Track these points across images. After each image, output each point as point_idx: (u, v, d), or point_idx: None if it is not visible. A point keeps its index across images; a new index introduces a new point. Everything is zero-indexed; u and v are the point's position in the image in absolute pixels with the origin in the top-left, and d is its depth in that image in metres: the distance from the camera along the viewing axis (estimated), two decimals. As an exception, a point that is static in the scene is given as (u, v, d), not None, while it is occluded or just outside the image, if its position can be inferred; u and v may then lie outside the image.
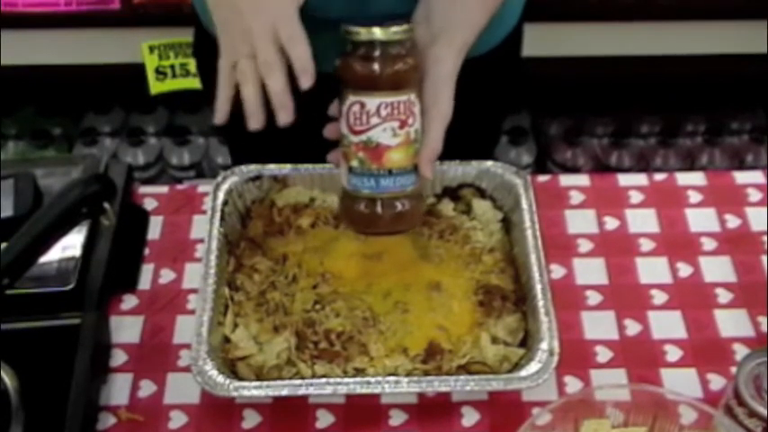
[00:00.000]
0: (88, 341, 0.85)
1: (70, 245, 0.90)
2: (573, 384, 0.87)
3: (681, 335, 0.91)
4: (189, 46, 1.64)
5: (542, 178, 1.08)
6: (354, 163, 0.82)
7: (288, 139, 0.93)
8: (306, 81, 0.78)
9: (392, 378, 0.81)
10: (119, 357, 0.89)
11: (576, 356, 0.89)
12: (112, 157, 1.90)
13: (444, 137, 0.88)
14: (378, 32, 0.77)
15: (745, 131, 1.99)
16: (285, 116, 0.79)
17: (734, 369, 0.81)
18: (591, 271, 0.97)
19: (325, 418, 0.84)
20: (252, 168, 0.97)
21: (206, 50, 1.11)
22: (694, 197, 1.05)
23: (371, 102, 0.79)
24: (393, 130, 0.80)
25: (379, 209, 0.83)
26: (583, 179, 1.08)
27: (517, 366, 0.82)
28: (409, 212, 0.84)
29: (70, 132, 1.98)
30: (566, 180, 1.08)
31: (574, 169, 1.95)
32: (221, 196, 0.94)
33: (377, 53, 0.78)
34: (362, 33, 0.78)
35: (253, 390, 0.79)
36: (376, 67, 0.78)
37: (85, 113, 2.01)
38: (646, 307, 0.94)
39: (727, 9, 1.66)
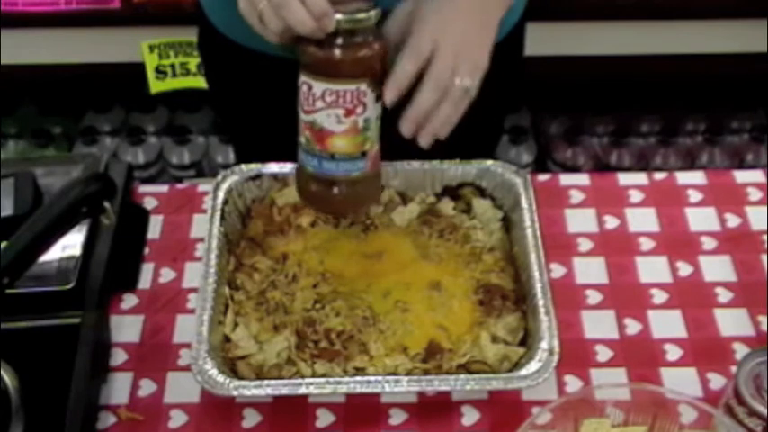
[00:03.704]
0: (88, 340, 0.85)
1: (70, 244, 0.90)
2: (573, 383, 0.87)
3: (681, 334, 0.91)
4: (189, 45, 1.64)
5: (542, 177, 1.08)
6: (302, 139, 0.83)
7: (292, 137, 0.93)
8: (329, 24, 0.75)
9: (392, 377, 0.81)
10: (119, 357, 0.89)
11: (575, 356, 0.89)
12: (112, 157, 1.89)
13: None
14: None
15: (745, 131, 1.99)
16: (329, 22, 0.75)
17: (734, 368, 0.81)
18: (591, 270, 0.97)
19: (325, 417, 0.84)
20: (252, 167, 0.97)
21: (211, 46, 1.12)
22: (694, 196, 1.05)
23: (317, 86, 0.79)
24: (337, 117, 0.79)
25: (323, 188, 0.84)
26: (583, 178, 1.08)
27: (517, 365, 0.82)
28: (352, 197, 0.85)
29: (70, 131, 1.98)
30: (566, 179, 1.08)
31: (574, 168, 1.95)
32: (221, 195, 0.94)
33: (327, 39, 0.76)
34: None
35: (253, 389, 0.79)
36: (322, 53, 0.77)
37: (86, 112, 2.01)
38: (646, 306, 0.94)
39: (727, 9, 1.66)
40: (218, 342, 0.84)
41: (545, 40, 1.56)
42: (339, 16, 0.76)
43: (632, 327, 0.92)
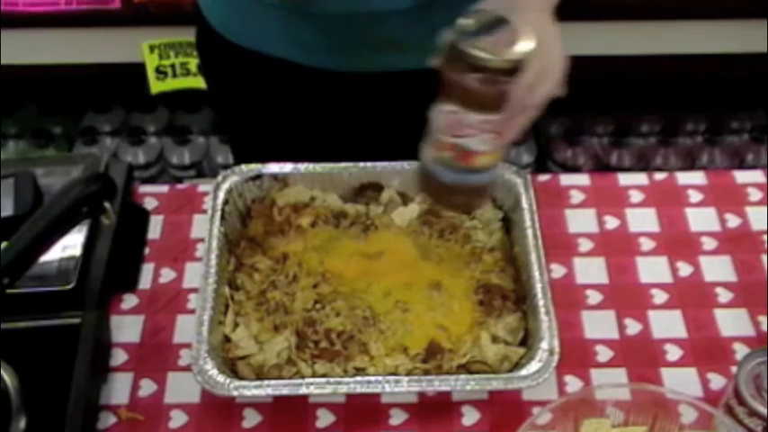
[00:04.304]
0: (88, 340, 0.85)
1: (70, 244, 0.90)
2: (573, 384, 0.87)
3: (681, 334, 0.91)
4: (189, 45, 1.64)
5: (543, 177, 1.08)
6: (441, 155, 0.81)
7: (289, 137, 0.93)
8: None
9: (392, 377, 0.81)
10: (119, 357, 0.89)
11: (576, 356, 0.89)
12: (113, 157, 1.89)
13: None
14: (498, 61, 0.74)
15: (745, 131, 1.99)
16: None
17: (734, 368, 0.81)
18: (591, 270, 0.97)
19: (325, 418, 0.84)
20: (252, 167, 0.97)
21: (209, 46, 1.12)
22: (694, 196, 1.05)
23: (472, 117, 0.77)
24: (486, 140, 0.79)
25: (462, 197, 0.86)
26: (583, 178, 1.08)
27: (517, 366, 0.82)
28: (485, 196, 0.90)
29: (70, 131, 1.98)
30: (566, 179, 1.08)
31: (574, 168, 1.95)
32: (222, 195, 0.94)
33: (490, 77, 0.75)
34: (485, 60, 0.74)
35: (253, 389, 0.79)
36: (494, 91, 0.76)
37: (86, 113, 2.01)
38: (646, 306, 0.94)
39: (727, 9, 1.66)
40: (218, 342, 0.84)
41: (545, 40, 1.55)
42: (515, 53, 0.75)
43: (632, 327, 0.92)
